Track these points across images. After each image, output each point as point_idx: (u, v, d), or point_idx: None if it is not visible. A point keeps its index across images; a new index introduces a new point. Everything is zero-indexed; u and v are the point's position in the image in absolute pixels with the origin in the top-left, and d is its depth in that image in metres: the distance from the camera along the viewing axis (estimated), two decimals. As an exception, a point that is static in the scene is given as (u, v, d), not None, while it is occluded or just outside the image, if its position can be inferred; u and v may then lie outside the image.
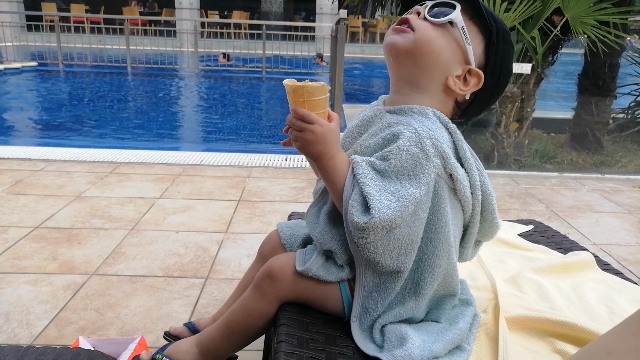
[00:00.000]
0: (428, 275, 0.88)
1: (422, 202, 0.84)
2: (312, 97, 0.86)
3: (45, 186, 2.88)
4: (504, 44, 0.91)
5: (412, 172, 0.83)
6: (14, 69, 9.43)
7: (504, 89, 0.96)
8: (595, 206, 2.95)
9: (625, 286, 1.09)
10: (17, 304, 1.72)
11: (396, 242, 0.84)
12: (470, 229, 0.93)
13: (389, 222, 0.81)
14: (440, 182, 0.85)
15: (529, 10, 3.37)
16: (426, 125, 0.85)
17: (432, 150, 0.83)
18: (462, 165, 0.88)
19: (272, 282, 0.96)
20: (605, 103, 4.53)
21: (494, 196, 0.92)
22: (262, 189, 2.97)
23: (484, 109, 0.98)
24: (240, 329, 1.02)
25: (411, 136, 0.84)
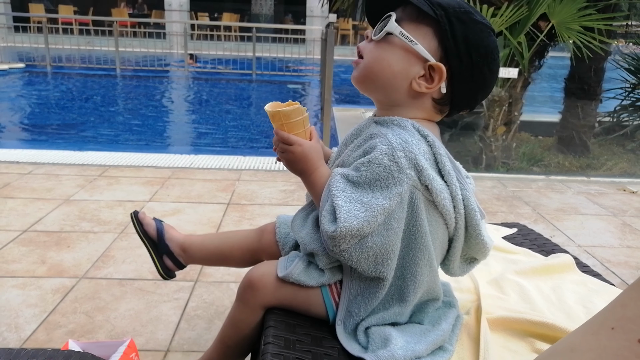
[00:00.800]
0: (411, 283, 0.91)
1: (395, 212, 0.85)
2: (289, 119, 0.94)
3: (33, 189, 2.87)
4: (462, 24, 0.86)
5: (384, 183, 0.84)
6: (0, 71, 9.35)
7: (487, 66, 0.88)
8: (580, 209, 3.00)
9: (602, 287, 1.13)
10: (5, 307, 1.72)
11: (370, 251, 0.86)
12: (454, 242, 0.93)
13: (356, 231, 0.83)
14: (417, 194, 0.86)
15: (516, 16, 3.42)
16: (402, 137, 0.86)
17: (405, 162, 0.84)
18: (443, 177, 0.88)
19: (253, 291, 0.98)
20: (591, 107, 4.61)
21: (476, 211, 0.90)
22: (251, 192, 2.98)
23: (475, 96, 0.92)
24: (233, 342, 1.05)
25: (384, 149, 0.85)
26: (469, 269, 1.00)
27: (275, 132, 0.95)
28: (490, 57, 0.88)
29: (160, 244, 1.28)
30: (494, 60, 0.88)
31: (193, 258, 1.28)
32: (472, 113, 4.22)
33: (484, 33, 0.87)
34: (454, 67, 0.87)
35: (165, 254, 1.27)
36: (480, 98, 0.94)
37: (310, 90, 9.34)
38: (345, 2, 4.95)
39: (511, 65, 3.69)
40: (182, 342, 1.59)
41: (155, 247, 1.28)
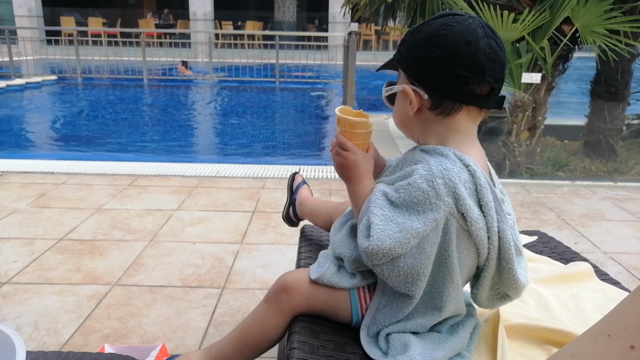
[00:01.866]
0: (438, 301, 0.94)
1: (429, 237, 0.87)
2: (352, 129, 1.00)
3: (67, 199, 2.99)
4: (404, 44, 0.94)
5: (420, 207, 0.87)
6: (34, 83, 9.69)
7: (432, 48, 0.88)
8: (606, 214, 2.97)
9: (621, 295, 1.14)
10: (44, 313, 1.81)
11: (401, 270, 0.90)
12: (485, 272, 0.94)
13: (388, 250, 0.87)
14: (452, 221, 0.88)
15: (538, 21, 3.41)
16: (443, 164, 0.88)
17: (444, 189, 0.86)
18: (481, 208, 0.89)
19: (288, 295, 1.03)
20: (619, 109, 4.53)
21: (511, 245, 0.91)
22: (276, 200, 3.05)
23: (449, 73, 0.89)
24: (255, 342, 1.08)
25: (424, 174, 0.87)
26: (498, 304, 1.00)
27: (336, 134, 1.03)
28: (432, 40, 0.89)
29: (294, 194, 1.67)
30: (437, 38, 0.88)
31: (303, 214, 1.61)
32: (494, 118, 4.21)
33: (419, 32, 0.92)
34: (414, 75, 0.93)
35: (292, 204, 1.65)
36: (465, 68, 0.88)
37: (334, 96, 9.40)
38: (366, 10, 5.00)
39: (534, 70, 3.68)
40: (210, 347, 1.65)
41: (290, 196, 1.68)
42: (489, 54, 0.88)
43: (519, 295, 0.97)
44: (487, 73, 0.88)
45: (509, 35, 3.49)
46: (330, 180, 3.49)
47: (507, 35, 3.49)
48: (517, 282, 0.93)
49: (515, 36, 3.51)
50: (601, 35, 3.59)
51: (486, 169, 0.97)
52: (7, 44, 10.07)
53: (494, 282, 0.97)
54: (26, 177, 3.40)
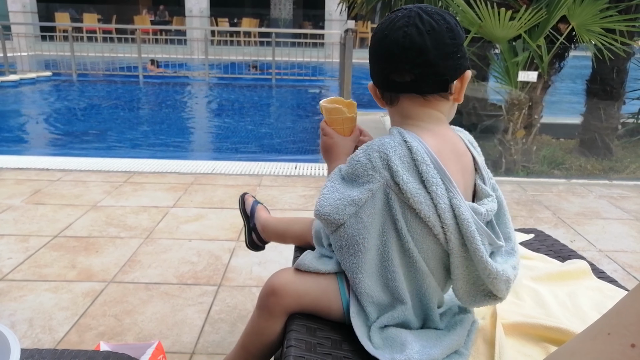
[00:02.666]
0: (392, 281, 0.95)
1: (366, 206, 0.92)
2: (329, 115, 1.13)
3: (62, 196, 2.97)
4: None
5: (360, 179, 0.93)
6: (29, 79, 9.63)
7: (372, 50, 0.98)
8: (602, 213, 2.98)
9: (618, 293, 1.14)
10: (39, 310, 1.80)
11: (342, 240, 0.96)
12: (452, 258, 0.94)
13: (327, 215, 0.95)
14: (391, 195, 0.92)
15: (535, 19, 3.42)
16: (382, 140, 0.94)
17: (379, 162, 0.91)
18: (424, 183, 0.91)
19: (277, 298, 1.03)
20: (614, 108, 4.55)
21: (469, 222, 0.90)
22: (272, 197, 3.04)
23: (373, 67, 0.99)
24: (256, 349, 1.10)
25: (365, 148, 0.95)
26: (481, 301, 0.97)
27: (321, 123, 1.15)
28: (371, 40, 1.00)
29: (251, 220, 1.58)
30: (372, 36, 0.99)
31: (269, 236, 1.55)
32: (491, 116, 4.22)
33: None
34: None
35: (253, 230, 1.57)
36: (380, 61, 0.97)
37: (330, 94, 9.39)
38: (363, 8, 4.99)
39: (530, 68, 3.68)
40: (206, 344, 1.64)
41: (247, 219, 1.60)
42: (403, 42, 0.91)
43: (500, 293, 0.93)
44: (401, 61, 0.92)
45: (506, 33, 3.49)
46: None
47: (503, 33, 3.49)
48: (488, 269, 0.90)
49: (512, 34, 3.51)
50: (597, 34, 3.60)
51: (443, 152, 0.95)
52: (2, 39, 10.00)
53: (472, 274, 0.94)
54: (21, 173, 3.38)
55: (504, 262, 0.94)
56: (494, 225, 0.97)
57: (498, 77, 3.93)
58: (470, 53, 3.95)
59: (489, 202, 0.97)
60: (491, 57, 4.21)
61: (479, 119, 4.27)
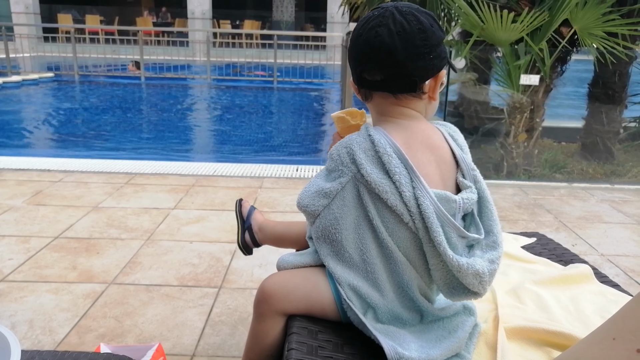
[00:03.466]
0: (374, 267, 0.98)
1: (336, 198, 0.99)
2: (338, 124, 1.19)
3: (64, 197, 2.97)
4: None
5: (334, 173, 1.00)
6: (31, 80, 9.65)
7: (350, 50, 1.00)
8: (603, 217, 2.97)
9: (621, 298, 1.14)
10: (40, 311, 1.79)
11: (319, 231, 1.02)
12: (424, 247, 0.95)
13: (305, 206, 1.03)
14: (361, 187, 0.97)
15: (537, 22, 3.42)
16: (350, 137, 1.00)
17: (346, 156, 0.97)
18: (388, 173, 0.95)
19: (268, 300, 1.03)
20: (616, 112, 4.54)
21: (431, 213, 0.91)
22: (273, 200, 3.04)
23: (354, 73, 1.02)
24: (256, 355, 1.10)
25: (337, 145, 1.01)
26: (461, 296, 0.96)
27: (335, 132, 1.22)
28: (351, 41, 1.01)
29: (247, 220, 1.55)
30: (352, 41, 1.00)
31: (265, 238, 1.53)
32: (493, 120, 4.21)
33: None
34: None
35: (247, 230, 1.54)
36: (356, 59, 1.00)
37: (331, 96, 9.39)
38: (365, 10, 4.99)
39: (532, 72, 3.68)
40: (207, 347, 1.64)
41: (242, 221, 1.56)
42: (373, 42, 0.94)
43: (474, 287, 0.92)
44: (370, 61, 0.96)
45: (508, 36, 3.49)
46: (327, 180, 3.49)
47: (506, 36, 3.49)
48: (449, 259, 0.91)
49: (514, 37, 3.51)
50: (599, 38, 3.60)
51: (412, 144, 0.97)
52: (4, 40, 10.02)
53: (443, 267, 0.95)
54: (22, 174, 3.38)
55: (482, 256, 0.94)
56: (475, 217, 0.99)
57: (500, 80, 3.93)
58: (472, 56, 3.95)
59: (467, 193, 0.98)
60: (493, 60, 4.20)
61: (481, 122, 4.27)
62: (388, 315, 0.99)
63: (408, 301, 0.99)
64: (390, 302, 0.99)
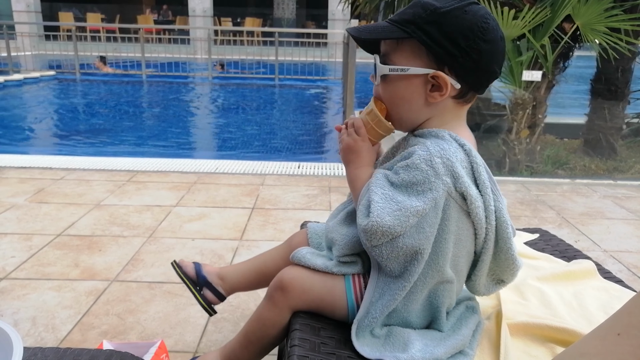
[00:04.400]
0: (420, 284, 0.93)
1: (428, 216, 0.87)
2: (378, 127, 0.99)
3: (65, 194, 2.97)
4: (435, 25, 0.88)
5: (420, 187, 0.87)
6: (32, 78, 9.66)
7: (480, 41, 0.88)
8: (606, 213, 2.97)
9: (624, 294, 1.13)
10: (42, 309, 1.80)
11: (400, 251, 0.89)
12: (483, 256, 0.95)
13: (387, 228, 0.87)
14: (450, 201, 0.88)
15: (539, 18, 3.40)
16: (440, 145, 0.89)
17: (442, 169, 0.87)
18: (478, 187, 0.90)
19: (284, 292, 1.02)
20: (619, 108, 4.53)
21: (509, 224, 0.92)
22: (275, 197, 3.04)
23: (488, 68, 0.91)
24: (257, 338, 1.09)
25: (422, 154, 0.88)
26: (494, 290, 1.02)
27: (357, 118, 1.02)
28: (478, 33, 0.87)
29: (199, 278, 1.32)
30: (483, 31, 0.88)
31: (232, 284, 1.32)
32: (495, 116, 4.20)
33: (458, 18, 0.88)
34: (452, 64, 0.89)
35: (205, 285, 1.32)
36: (497, 65, 0.92)
37: (333, 94, 9.38)
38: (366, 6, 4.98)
39: (534, 68, 3.67)
40: (209, 344, 1.64)
41: (194, 283, 1.33)
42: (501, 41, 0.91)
43: (513, 279, 0.99)
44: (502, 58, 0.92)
45: (510, 32, 3.48)
46: (329, 177, 3.48)
47: (507, 32, 3.48)
48: (515, 263, 0.95)
49: (516, 33, 3.49)
50: (602, 33, 3.58)
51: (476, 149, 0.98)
52: (6, 39, 10.03)
53: (491, 269, 0.98)
54: (24, 172, 3.38)
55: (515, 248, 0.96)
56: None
57: (502, 76, 3.92)
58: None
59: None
60: (495, 57, 4.19)
61: (483, 118, 4.26)
62: (399, 320, 0.98)
63: (427, 312, 0.98)
64: (409, 311, 0.96)
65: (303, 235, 1.23)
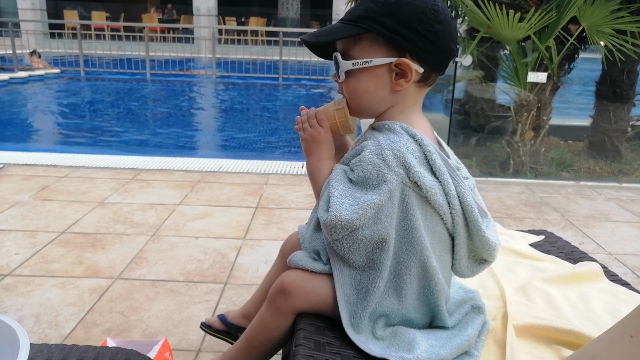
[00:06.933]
0: (406, 277, 0.95)
1: (384, 207, 0.90)
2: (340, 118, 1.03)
3: (69, 192, 2.98)
4: (390, 16, 0.90)
5: (375, 180, 0.91)
6: (37, 76, 9.68)
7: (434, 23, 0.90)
8: (611, 215, 2.95)
9: (631, 296, 1.13)
10: (46, 306, 1.80)
11: (360, 243, 0.92)
12: (457, 240, 0.97)
13: (346, 222, 0.90)
14: (407, 190, 0.91)
15: (544, 20, 3.39)
16: (390, 138, 0.92)
17: (394, 160, 0.90)
18: (435, 174, 0.92)
19: (285, 296, 1.02)
20: (624, 110, 4.51)
21: (473, 207, 0.93)
22: (279, 196, 3.03)
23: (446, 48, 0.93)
24: (259, 343, 1.09)
25: (373, 148, 0.92)
26: (478, 270, 1.03)
27: (320, 110, 1.05)
28: (431, 15, 0.90)
29: (229, 327, 1.39)
30: (435, 13, 0.90)
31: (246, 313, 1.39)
32: (499, 118, 4.19)
33: (409, 4, 0.90)
34: (413, 49, 0.92)
35: (238, 331, 1.36)
36: (453, 43, 0.95)
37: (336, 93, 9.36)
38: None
39: (540, 69, 3.65)
40: (212, 342, 1.64)
41: (229, 334, 1.40)
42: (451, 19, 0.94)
43: (494, 258, 1.00)
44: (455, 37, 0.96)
45: (515, 34, 3.47)
46: (333, 177, 3.48)
47: (513, 34, 3.47)
48: (488, 243, 0.96)
49: (521, 35, 3.48)
50: (608, 35, 3.57)
51: (433, 138, 1.00)
52: (11, 36, 10.06)
53: (471, 251, 0.99)
54: (28, 169, 3.39)
55: (488, 229, 0.98)
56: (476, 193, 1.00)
57: (507, 77, 3.91)
58: (479, 53, 3.93)
59: (467, 174, 1.01)
60: (500, 58, 4.18)
61: (487, 120, 4.25)
62: (400, 319, 0.98)
63: (425, 306, 0.98)
64: (407, 307, 0.97)
65: (294, 240, 1.23)
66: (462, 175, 0.98)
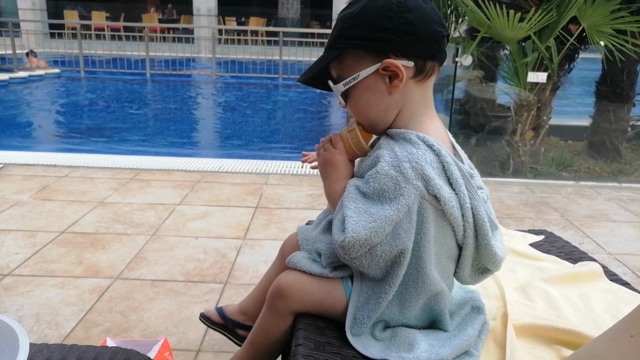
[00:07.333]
0: (413, 289, 0.93)
1: (402, 222, 0.87)
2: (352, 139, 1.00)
3: (69, 192, 2.98)
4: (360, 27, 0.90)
5: (391, 194, 0.87)
6: (37, 76, 9.68)
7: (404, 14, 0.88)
8: (611, 215, 2.95)
9: (631, 296, 1.13)
10: (46, 305, 1.80)
11: (379, 259, 0.90)
12: (464, 251, 0.95)
13: (364, 241, 0.87)
14: (424, 204, 0.88)
15: (544, 20, 3.39)
16: (407, 149, 0.89)
17: (412, 173, 0.86)
18: (451, 185, 0.90)
19: (283, 298, 1.02)
20: (624, 110, 4.51)
21: (485, 221, 0.91)
22: (279, 196, 3.03)
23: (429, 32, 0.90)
24: (262, 346, 1.10)
25: (390, 160, 0.88)
26: (481, 279, 1.01)
27: (335, 134, 1.02)
28: (397, 8, 0.88)
29: (227, 321, 1.39)
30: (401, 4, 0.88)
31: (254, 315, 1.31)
32: (499, 118, 4.19)
33: (373, 9, 0.89)
34: (392, 48, 0.90)
35: (235, 326, 1.37)
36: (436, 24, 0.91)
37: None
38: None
39: (540, 69, 3.65)
40: (212, 342, 1.64)
41: (226, 327, 1.39)
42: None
43: (498, 269, 0.98)
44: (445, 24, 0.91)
45: (515, 34, 3.47)
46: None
47: (513, 34, 3.47)
48: (495, 257, 0.95)
49: (522, 35, 3.48)
50: (608, 35, 3.57)
51: (448, 143, 0.97)
52: (11, 36, 10.06)
53: (473, 259, 0.97)
54: (28, 169, 3.39)
55: (497, 241, 0.96)
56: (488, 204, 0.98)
57: (507, 77, 3.91)
58: (479, 53, 3.93)
59: (481, 184, 0.98)
60: (500, 58, 4.18)
61: (487, 120, 4.25)
62: (399, 324, 0.97)
63: (428, 314, 0.98)
64: (408, 317, 0.96)
65: (294, 241, 1.23)
66: (476, 184, 0.95)
